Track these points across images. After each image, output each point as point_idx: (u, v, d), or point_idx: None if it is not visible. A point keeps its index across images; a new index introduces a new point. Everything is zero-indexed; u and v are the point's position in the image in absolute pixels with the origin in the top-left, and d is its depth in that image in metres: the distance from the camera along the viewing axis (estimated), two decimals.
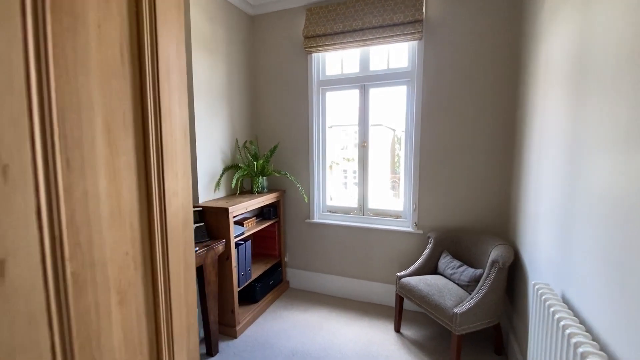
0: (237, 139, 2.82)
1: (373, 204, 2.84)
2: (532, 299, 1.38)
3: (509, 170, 2.31)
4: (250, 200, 2.48)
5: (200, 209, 2.24)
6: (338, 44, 2.58)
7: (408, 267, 2.59)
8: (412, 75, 2.51)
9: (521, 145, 2.05)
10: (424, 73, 2.45)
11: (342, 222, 2.86)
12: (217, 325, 2.18)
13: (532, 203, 1.76)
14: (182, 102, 0.72)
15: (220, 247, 2.16)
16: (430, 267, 2.37)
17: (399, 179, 2.84)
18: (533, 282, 1.44)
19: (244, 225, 2.56)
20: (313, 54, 2.76)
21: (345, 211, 2.90)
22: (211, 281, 2.11)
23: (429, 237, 2.46)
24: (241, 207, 2.35)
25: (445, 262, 2.29)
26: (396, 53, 2.62)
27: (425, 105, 2.47)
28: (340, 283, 2.91)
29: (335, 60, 2.82)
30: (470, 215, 2.44)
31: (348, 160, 2.98)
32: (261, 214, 2.94)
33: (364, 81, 2.67)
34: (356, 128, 2.79)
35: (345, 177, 3.03)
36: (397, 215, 2.73)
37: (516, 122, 2.20)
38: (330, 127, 2.94)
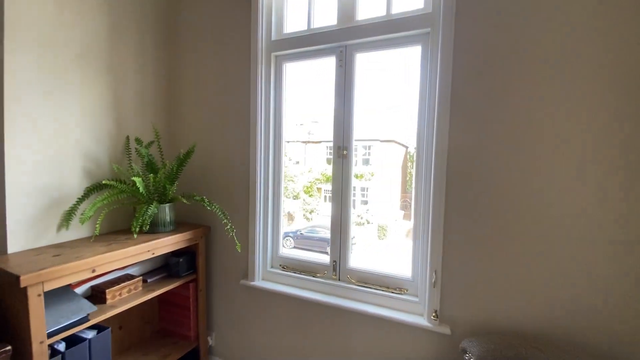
0: (128, 137, 1.66)
1: (356, 262, 1.58)
2: None
3: None
4: (115, 250, 1.27)
5: None
6: None
7: None
8: (434, 22, 1.29)
9: None
10: (459, 12, 1.24)
11: (299, 291, 1.59)
12: None
13: None
14: None
15: None
16: None
17: (410, 199, 1.74)
18: None
19: (106, 297, 1.34)
20: None
21: (311, 269, 1.64)
22: None
23: (465, 351, 1.16)
24: (73, 268, 1.14)
25: None
26: None
27: (462, 75, 1.24)
28: None
29: (300, 8, 1.64)
30: (568, 308, 1.15)
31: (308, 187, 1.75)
32: (166, 267, 1.73)
33: (345, 39, 1.47)
34: (328, 131, 1.57)
35: (315, 212, 1.80)
36: (398, 288, 1.45)
37: None
38: (289, 141, 1.74)
